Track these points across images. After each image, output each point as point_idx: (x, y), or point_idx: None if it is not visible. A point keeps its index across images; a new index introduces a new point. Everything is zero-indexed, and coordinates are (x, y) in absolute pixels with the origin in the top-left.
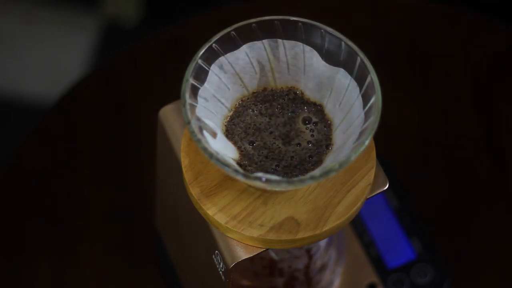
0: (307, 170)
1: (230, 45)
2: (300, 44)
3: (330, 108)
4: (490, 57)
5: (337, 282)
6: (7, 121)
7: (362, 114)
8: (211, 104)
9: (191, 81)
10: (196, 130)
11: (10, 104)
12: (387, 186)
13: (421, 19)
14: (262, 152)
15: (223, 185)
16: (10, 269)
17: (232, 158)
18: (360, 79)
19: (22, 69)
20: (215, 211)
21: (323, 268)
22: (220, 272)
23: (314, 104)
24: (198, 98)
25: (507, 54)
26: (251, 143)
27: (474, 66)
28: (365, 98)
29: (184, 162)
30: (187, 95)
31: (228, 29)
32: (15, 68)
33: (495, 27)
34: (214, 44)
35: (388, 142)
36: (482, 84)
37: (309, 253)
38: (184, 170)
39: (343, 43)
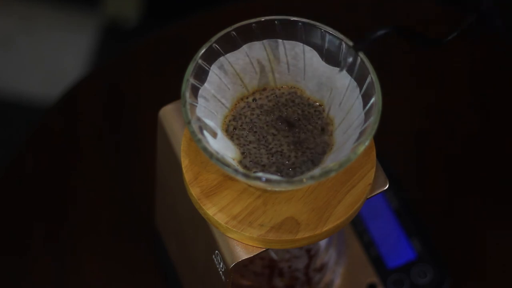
0: (307, 170)
1: (230, 45)
2: (300, 44)
3: (330, 108)
4: (488, 55)
5: (337, 282)
6: (7, 121)
7: (362, 114)
8: (211, 104)
9: (191, 81)
10: (196, 130)
11: (10, 104)
12: (387, 186)
13: (420, 19)
14: (262, 152)
15: (223, 185)
16: (11, 270)
17: (232, 158)
18: (360, 79)
19: (22, 69)
20: (215, 211)
21: (323, 268)
22: (220, 272)
23: (314, 104)
24: (198, 98)
25: (505, 53)
26: (251, 142)
27: (473, 66)
28: (365, 98)
29: (184, 162)
30: (187, 95)
31: (228, 29)
32: (15, 68)
33: (492, 25)
34: (214, 44)
35: (388, 142)
36: (481, 83)
37: (309, 253)
38: (184, 170)
39: (343, 43)
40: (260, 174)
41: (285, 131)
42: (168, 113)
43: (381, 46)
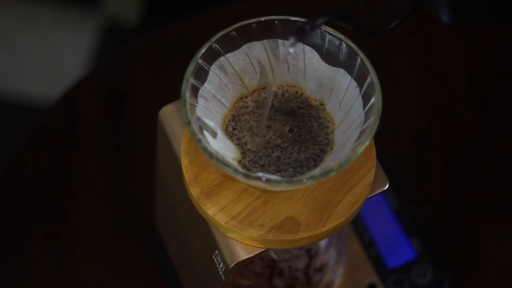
0: (307, 170)
1: (230, 45)
2: (300, 44)
3: (330, 108)
4: (488, 55)
5: (337, 282)
6: (7, 121)
7: (362, 114)
8: (211, 104)
9: (191, 81)
10: (196, 130)
11: (10, 104)
12: (387, 186)
13: (420, 19)
14: (262, 152)
15: (223, 185)
16: (11, 270)
17: (232, 158)
18: (360, 79)
19: (22, 69)
20: (215, 211)
21: (323, 268)
22: (220, 272)
23: (314, 104)
24: (198, 98)
25: (504, 53)
26: (251, 142)
27: (473, 66)
28: (365, 98)
29: (184, 162)
30: (187, 95)
31: (228, 29)
32: (15, 68)
33: (491, 25)
34: (214, 44)
35: (388, 142)
36: (481, 83)
37: (309, 253)
38: (184, 170)
39: (343, 43)
40: (260, 174)
41: (284, 130)
42: (168, 113)
43: (382, 46)
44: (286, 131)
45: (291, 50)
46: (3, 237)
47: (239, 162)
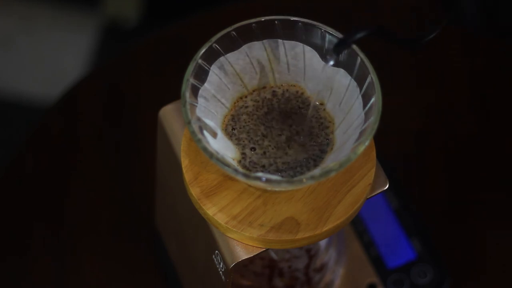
0: (307, 170)
1: (230, 45)
2: (300, 44)
3: (330, 108)
4: (488, 55)
5: (337, 282)
6: (7, 121)
7: (362, 114)
8: (211, 104)
9: (191, 81)
10: (196, 130)
11: (10, 104)
12: (387, 186)
13: (420, 20)
14: (262, 152)
15: (223, 185)
16: (11, 270)
17: (232, 158)
18: (360, 79)
19: (22, 69)
20: (215, 211)
21: (323, 268)
22: (220, 272)
23: (315, 104)
24: (198, 98)
25: (505, 53)
26: (251, 142)
27: (473, 66)
28: (365, 98)
29: (184, 162)
30: (187, 95)
31: (228, 29)
32: (15, 68)
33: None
34: (214, 44)
35: (388, 142)
36: (481, 83)
37: (309, 253)
38: (184, 170)
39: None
40: (260, 174)
41: (286, 128)
42: (168, 113)
43: (382, 46)
44: (286, 131)
45: (331, 63)
46: (3, 237)
47: (239, 162)
